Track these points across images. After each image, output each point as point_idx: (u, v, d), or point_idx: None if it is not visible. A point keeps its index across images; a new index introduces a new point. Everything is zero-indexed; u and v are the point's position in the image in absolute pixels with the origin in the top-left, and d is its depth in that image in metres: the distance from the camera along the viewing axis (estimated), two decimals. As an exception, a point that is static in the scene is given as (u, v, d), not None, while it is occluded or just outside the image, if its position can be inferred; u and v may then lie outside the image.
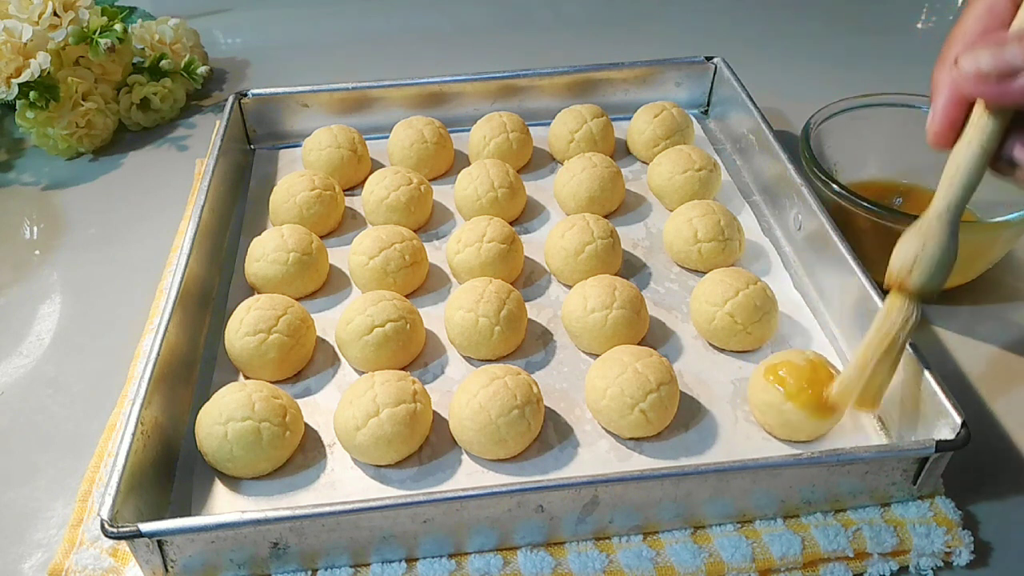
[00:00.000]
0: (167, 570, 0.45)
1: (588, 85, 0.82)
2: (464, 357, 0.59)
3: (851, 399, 0.48)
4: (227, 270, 0.67)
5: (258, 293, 0.63)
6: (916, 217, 0.56)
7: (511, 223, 0.69)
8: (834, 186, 0.60)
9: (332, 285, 0.66)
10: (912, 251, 0.44)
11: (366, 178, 0.72)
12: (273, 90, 0.79)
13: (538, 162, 0.79)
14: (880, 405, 0.49)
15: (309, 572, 0.47)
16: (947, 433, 0.46)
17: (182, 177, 0.79)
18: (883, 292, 0.54)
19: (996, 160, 0.42)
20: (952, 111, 0.42)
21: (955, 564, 0.46)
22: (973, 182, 0.42)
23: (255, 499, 0.50)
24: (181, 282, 0.58)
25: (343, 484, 0.51)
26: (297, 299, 0.62)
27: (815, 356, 0.52)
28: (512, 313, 0.57)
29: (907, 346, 0.48)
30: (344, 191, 0.74)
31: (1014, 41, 0.37)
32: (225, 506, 0.50)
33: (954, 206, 0.43)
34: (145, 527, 0.43)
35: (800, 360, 0.51)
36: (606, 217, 0.69)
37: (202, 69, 0.92)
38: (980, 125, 0.41)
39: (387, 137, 0.77)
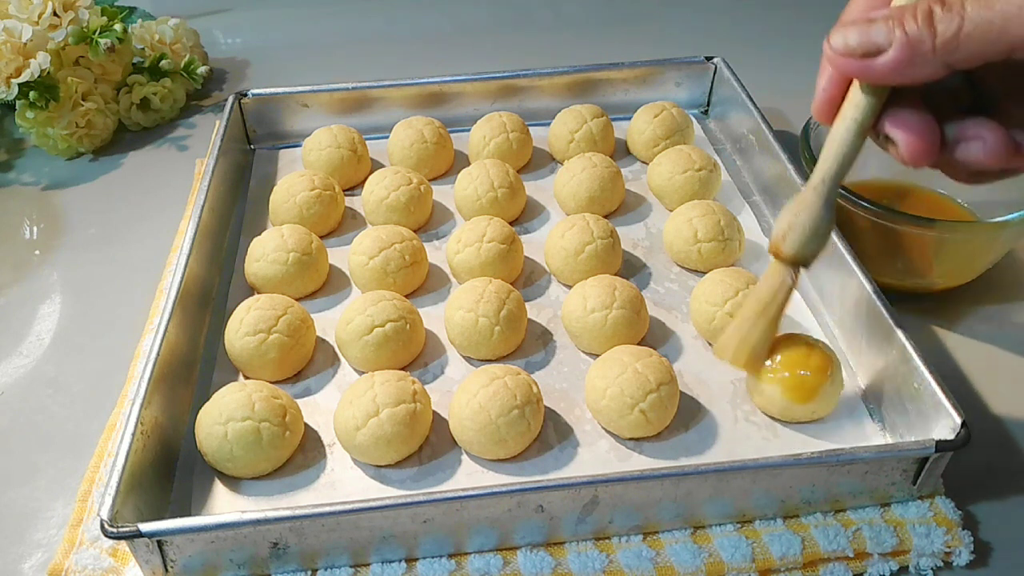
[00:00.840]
0: (167, 570, 0.45)
1: (588, 85, 0.82)
2: (464, 357, 0.59)
3: (728, 355, 0.51)
4: (227, 270, 0.67)
5: (258, 293, 0.63)
6: (916, 217, 0.57)
7: (511, 223, 0.69)
8: (834, 186, 0.60)
9: (332, 285, 0.66)
10: (787, 220, 0.46)
11: (366, 178, 0.72)
12: (273, 90, 0.79)
13: (538, 162, 0.79)
14: (757, 368, 0.51)
15: (309, 572, 0.47)
16: (947, 433, 0.46)
17: (182, 177, 0.79)
18: (883, 292, 0.54)
19: (877, 135, 0.42)
20: (831, 88, 0.42)
21: (955, 564, 0.46)
22: (849, 155, 0.43)
23: (255, 499, 0.50)
24: (181, 282, 0.58)
25: (343, 484, 0.51)
26: (297, 299, 0.62)
27: (816, 344, 0.52)
28: (512, 313, 0.57)
29: (784, 311, 0.49)
30: (344, 191, 0.73)
31: (881, 20, 0.37)
32: (225, 506, 0.50)
33: (829, 178, 0.44)
34: (145, 527, 0.43)
35: (795, 342, 0.52)
36: (606, 217, 0.69)
37: (202, 69, 0.92)
38: (855, 101, 0.41)
39: (387, 137, 0.77)
